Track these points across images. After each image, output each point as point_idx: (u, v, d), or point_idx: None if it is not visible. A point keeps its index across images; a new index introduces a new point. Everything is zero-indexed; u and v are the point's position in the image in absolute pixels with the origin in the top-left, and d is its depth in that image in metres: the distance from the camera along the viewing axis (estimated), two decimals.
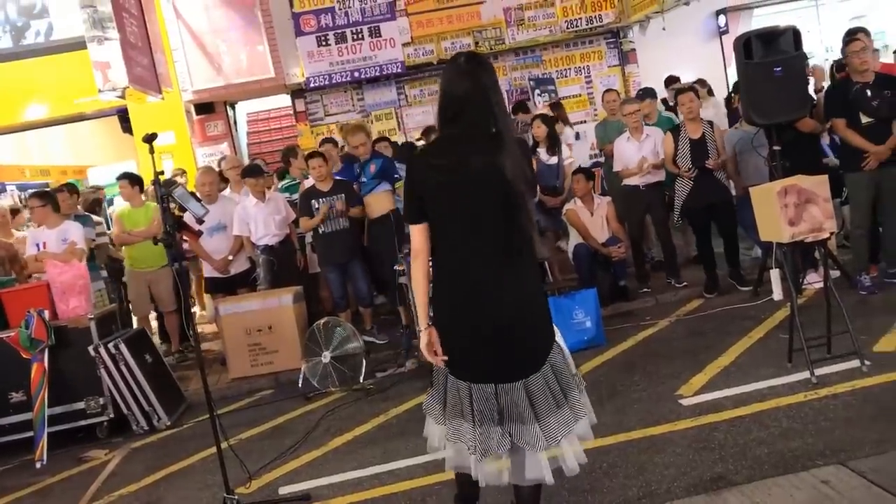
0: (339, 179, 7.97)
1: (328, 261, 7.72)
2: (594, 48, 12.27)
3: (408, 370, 6.82)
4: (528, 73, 12.10)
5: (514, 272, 2.88)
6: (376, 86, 12.09)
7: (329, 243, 7.65)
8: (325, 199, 7.56)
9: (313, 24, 11.40)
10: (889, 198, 6.59)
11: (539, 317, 2.99)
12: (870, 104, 6.44)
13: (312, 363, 6.67)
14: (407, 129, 11.89)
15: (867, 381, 4.72)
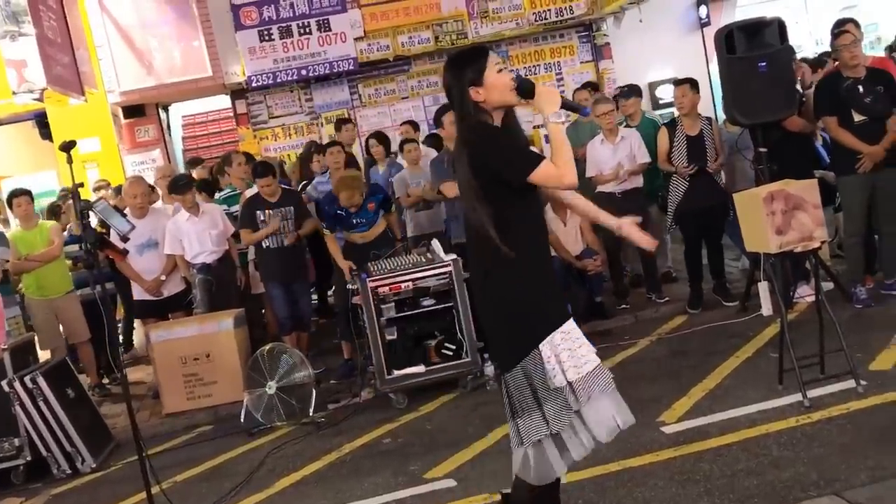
0: (288, 189, 7.93)
1: (272, 277, 7.68)
2: (565, 42, 12.38)
3: (363, 400, 6.79)
4: None
5: (486, 274, 3.15)
6: (326, 85, 12.07)
7: (274, 259, 7.60)
8: (273, 212, 7.51)
9: (255, 17, 11.36)
10: (885, 202, 6.71)
11: (500, 319, 3.15)
12: (862, 101, 6.56)
13: (256, 395, 6.61)
14: (361, 133, 11.85)
15: (863, 402, 4.79)
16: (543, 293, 3.12)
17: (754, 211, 5.00)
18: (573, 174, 3.01)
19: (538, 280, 3.13)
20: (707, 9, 12.55)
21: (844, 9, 13.53)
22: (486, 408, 6.05)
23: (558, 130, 3.05)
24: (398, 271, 6.50)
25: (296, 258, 7.69)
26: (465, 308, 6.44)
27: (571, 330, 3.12)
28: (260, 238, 7.54)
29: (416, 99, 12.26)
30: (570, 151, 3.02)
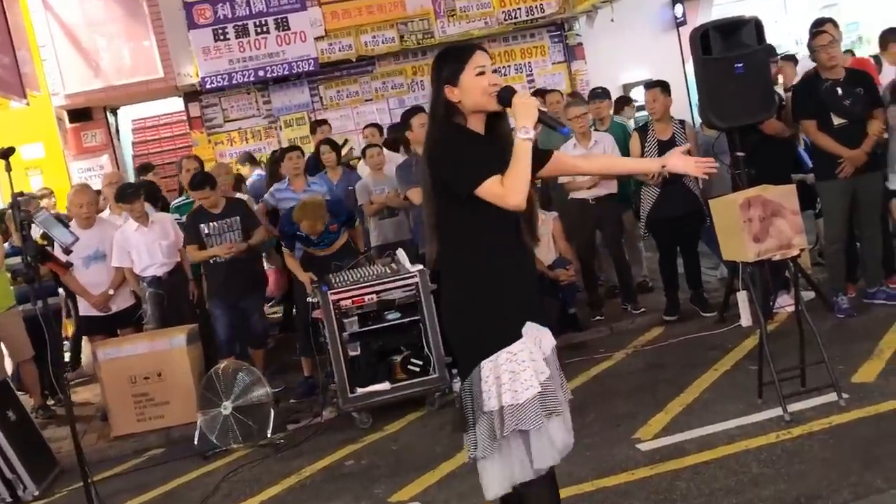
0: (232, 198, 7.80)
1: (217, 294, 7.52)
2: (536, 42, 12.47)
3: (325, 420, 6.75)
4: None
5: (444, 282, 3.24)
6: (285, 87, 12.07)
7: (222, 274, 7.43)
8: (217, 224, 7.38)
9: (209, 16, 11.33)
10: (867, 208, 6.81)
11: (452, 328, 3.25)
12: (841, 103, 6.66)
13: (210, 416, 6.54)
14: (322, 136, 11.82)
15: (845, 416, 4.85)
16: (497, 308, 3.11)
17: (731, 218, 5.05)
18: (518, 195, 2.98)
19: (494, 294, 3.12)
20: (683, 7, 12.71)
21: (825, 7, 13.75)
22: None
23: (520, 148, 3.01)
24: (361, 283, 6.48)
25: (246, 271, 7.51)
26: (433, 321, 6.43)
27: (520, 352, 3.08)
28: (206, 258, 7.41)
29: (380, 101, 12.28)
30: (524, 170, 2.99)
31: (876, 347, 5.85)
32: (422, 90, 12.33)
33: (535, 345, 3.14)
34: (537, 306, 3.28)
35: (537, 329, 3.19)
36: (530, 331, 3.15)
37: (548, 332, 3.26)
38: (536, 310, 3.25)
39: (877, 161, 6.75)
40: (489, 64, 3.14)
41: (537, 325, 3.19)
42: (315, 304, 6.63)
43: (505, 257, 3.16)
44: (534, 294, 3.28)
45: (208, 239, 7.39)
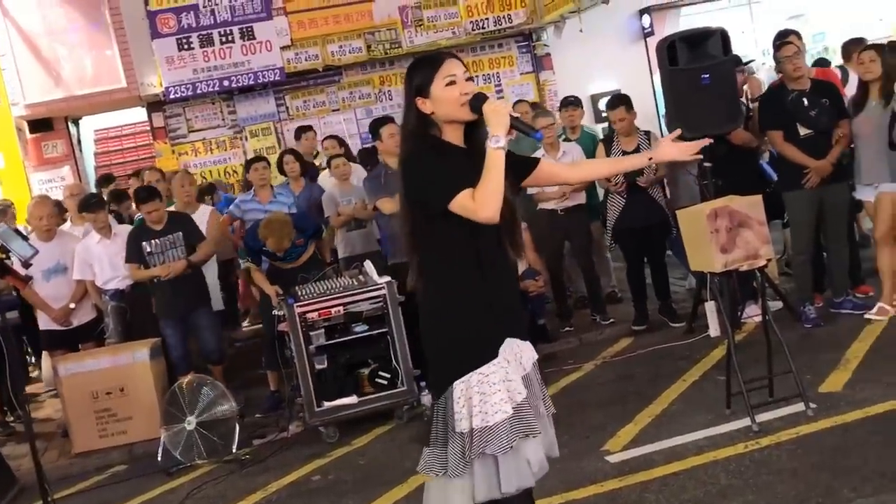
0: (175, 213, 7.63)
1: (166, 313, 7.33)
2: (504, 53, 12.51)
3: (291, 435, 6.72)
4: None
5: (422, 298, 3.23)
6: (251, 96, 12.00)
7: (167, 291, 7.25)
8: (159, 241, 7.20)
9: (173, 25, 11.24)
10: (833, 218, 6.90)
11: (427, 343, 3.22)
12: (807, 114, 6.75)
13: (174, 431, 6.49)
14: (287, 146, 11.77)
15: (812, 426, 4.90)
16: (471, 326, 3.07)
17: (698, 229, 5.10)
18: (490, 208, 2.92)
19: (469, 310, 3.08)
20: (650, 18, 12.80)
21: (791, 18, 13.92)
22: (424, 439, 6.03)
23: (492, 158, 2.94)
24: (328, 295, 6.46)
25: (191, 286, 7.32)
26: (401, 333, 6.43)
27: (493, 373, 3.03)
28: (147, 278, 7.26)
29: (347, 111, 12.26)
30: (496, 182, 2.93)
31: (843, 357, 5.92)
32: (389, 100, 12.34)
33: (514, 362, 3.10)
34: (517, 320, 3.23)
35: (517, 345, 3.15)
36: (509, 348, 3.11)
37: (528, 346, 3.21)
38: (516, 324, 3.20)
39: (843, 172, 6.84)
40: (461, 72, 3.07)
41: (517, 341, 3.16)
42: (281, 316, 6.61)
43: (482, 271, 3.09)
44: (514, 308, 3.23)
45: (150, 257, 7.19)
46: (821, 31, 14.40)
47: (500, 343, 3.09)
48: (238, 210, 8.39)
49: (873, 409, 4.93)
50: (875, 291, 7.07)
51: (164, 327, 7.38)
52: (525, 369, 3.15)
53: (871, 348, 5.99)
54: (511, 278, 3.30)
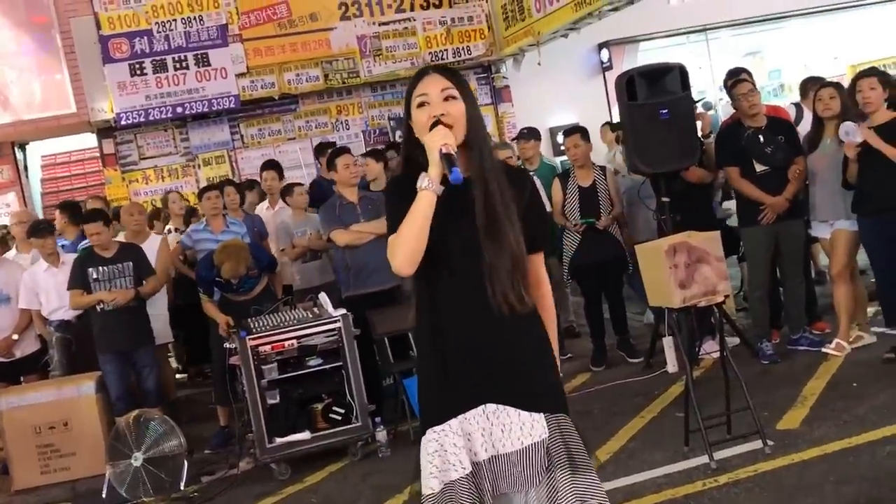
0: (127, 243, 7.44)
1: (106, 346, 7.07)
2: None
3: (241, 472, 6.62)
4: (389, 112, 12.29)
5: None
6: (205, 124, 11.96)
7: (110, 324, 7.01)
8: (107, 269, 7.02)
9: (125, 50, 11.19)
10: (789, 254, 7.01)
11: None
12: (763, 151, 6.87)
13: (120, 468, 6.36)
14: (242, 175, 11.75)
15: (770, 463, 4.94)
16: (424, 382, 2.85)
17: (656, 264, 5.15)
18: (397, 258, 2.67)
19: (423, 363, 2.85)
20: (609, 53, 13.01)
21: (748, 55, 14.27)
22: (377, 477, 5.99)
23: (417, 201, 2.66)
24: (282, 328, 6.40)
25: (135, 321, 7.11)
26: (356, 367, 6.39)
27: (429, 441, 2.74)
28: (88, 304, 7.04)
29: (303, 140, 12.25)
30: (409, 230, 2.65)
31: (800, 394, 5.98)
32: (346, 129, 12.37)
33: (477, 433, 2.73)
34: (505, 383, 2.75)
35: (500, 415, 2.74)
36: (481, 416, 2.73)
37: (528, 420, 2.74)
38: (502, 388, 2.75)
39: (798, 208, 6.97)
40: (436, 91, 2.74)
41: (507, 410, 2.74)
42: (233, 349, 6.54)
43: (441, 318, 2.77)
44: (502, 368, 2.75)
45: (96, 284, 6.97)
46: (776, 68, 14.73)
47: (452, 407, 2.74)
48: (189, 240, 8.30)
49: (830, 447, 4.99)
50: (831, 328, 7.19)
51: (103, 363, 7.10)
52: (497, 448, 2.73)
53: (827, 385, 6.06)
54: (498, 331, 2.74)
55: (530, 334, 2.83)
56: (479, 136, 2.82)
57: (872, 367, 6.24)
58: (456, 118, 2.75)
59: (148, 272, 7.19)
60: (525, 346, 2.80)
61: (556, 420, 2.78)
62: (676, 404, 6.28)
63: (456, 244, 2.74)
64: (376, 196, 7.43)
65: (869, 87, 6.19)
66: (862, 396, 5.71)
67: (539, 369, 2.82)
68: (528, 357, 2.80)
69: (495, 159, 2.85)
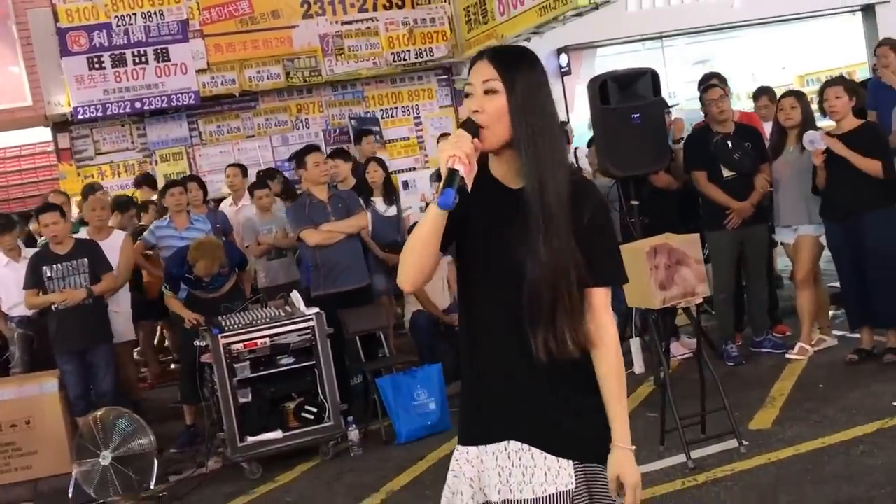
0: (83, 240, 7.26)
1: (62, 346, 6.89)
2: (424, 85, 12.57)
3: (210, 471, 6.51)
4: (349, 111, 12.20)
5: None
6: (163, 120, 11.72)
7: (65, 323, 6.82)
8: (61, 266, 6.82)
9: (84, 43, 10.93)
10: (753, 258, 7.13)
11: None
12: (731, 157, 6.97)
13: (87, 466, 6.20)
14: (200, 172, 11.55)
15: (746, 463, 5.01)
16: (466, 396, 2.60)
17: (637, 265, 5.17)
18: (401, 273, 2.42)
19: (467, 378, 2.59)
20: (568, 57, 13.06)
21: (697, 63, 14.46)
22: (351, 476, 5.94)
23: (426, 214, 2.36)
24: (254, 326, 6.31)
25: (93, 319, 6.93)
26: (329, 367, 6.33)
27: (454, 461, 2.53)
28: (42, 305, 6.88)
29: (262, 138, 12.09)
30: (412, 244, 2.38)
31: (768, 395, 6.08)
32: (306, 128, 12.24)
33: (492, 471, 2.44)
34: (538, 422, 2.42)
35: (526, 456, 2.42)
36: (500, 452, 2.44)
37: (556, 466, 2.39)
38: (535, 427, 2.42)
39: (763, 213, 7.08)
40: (478, 83, 2.38)
41: (533, 451, 2.42)
42: (203, 347, 6.43)
43: (491, 346, 2.46)
44: (534, 406, 2.42)
45: (50, 283, 6.79)
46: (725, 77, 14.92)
47: (475, 434, 2.49)
48: (152, 236, 8.15)
49: (803, 447, 5.07)
50: (792, 330, 7.31)
51: (61, 363, 6.92)
52: (514, 493, 2.41)
53: (794, 386, 6.17)
54: (535, 368, 2.38)
55: (576, 375, 2.42)
56: (530, 136, 2.35)
57: (837, 369, 6.37)
58: (491, 117, 2.35)
59: (104, 269, 6.98)
60: (565, 386, 2.42)
61: (587, 470, 2.42)
62: (647, 405, 6.35)
63: (497, 265, 2.42)
64: (347, 195, 7.39)
65: (835, 95, 6.31)
66: (829, 398, 5.82)
67: (578, 413, 2.43)
68: (567, 397, 2.42)
69: (557, 167, 2.37)
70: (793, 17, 14.66)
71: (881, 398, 5.61)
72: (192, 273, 6.80)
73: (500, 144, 2.40)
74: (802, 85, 14.80)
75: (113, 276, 7.09)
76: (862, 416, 5.37)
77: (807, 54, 14.88)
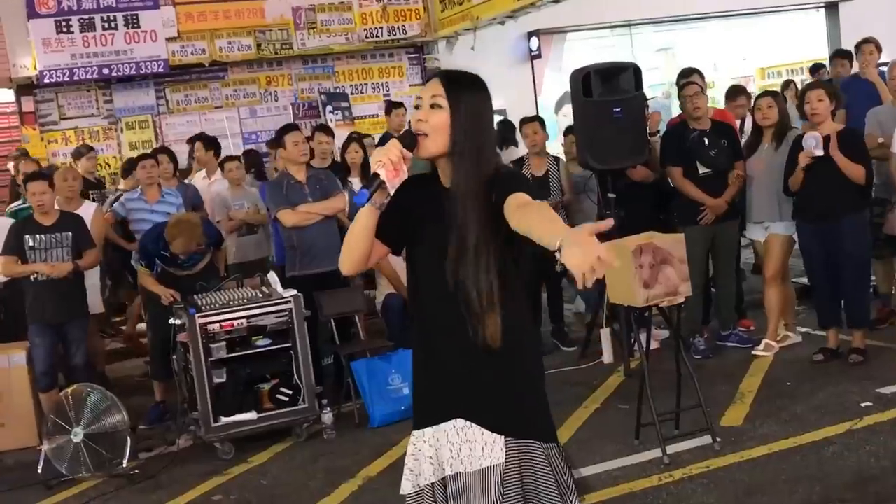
0: (69, 213, 7.01)
1: (36, 317, 6.70)
2: (395, 63, 12.47)
3: (179, 449, 6.43)
4: (319, 86, 12.06)
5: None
6: (130, 87, 11.49)
7: (43, 294, 6.65)
8: (45, 237, 6.64)
9: (52, 6, 10.63)
10: (723, 254, 7.19)
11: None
12: (707, 153, 7.00)
13: (58, 443, 6.08)
14: (166, 141, 11.35)
15: (721, 460, 5.05)
16: (416, 381, 2.88)
17: (622, 263, 5.19)
18: (343, 260, 2.84)
19: (416, 364, 2.87)
20: (538, 41, 13.04)
21: (660, 50, 14.57)
22: (327, 459, 5.91)
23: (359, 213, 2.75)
24: (232, 306, 6.22)
25: (72, 293, 6.76)
26: (305, 349, 6.26)
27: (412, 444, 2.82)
28: (22, 273, 6.69)
29: (230, 109, 11.91)
30: (349, 237, 2.78)
31: (737, 391, 6.14)
32: (274, 101, 12.09)
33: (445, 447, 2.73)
34: (477, 400, 2.71)
35: (470, 432, 2.71)
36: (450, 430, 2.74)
37: (491, 441, 2.68)
38: (474, 404, 2.71)
39: (735, 210, 7.13)
40: (427, 96, 2.71)
41: (474, 427, 2.70)
42: (178, 326, 6.33)
43: (436, 330, 2.79)
44: (474, 384, 2.72)
45: (31, 252, 6.60)
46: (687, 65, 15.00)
47: (427, 415, 2.79)
48: (122, 209, 7.99)
49: (777, 445, 5.14)
50: (755, 325, 7.41)
51: (32, 333, 6.73)
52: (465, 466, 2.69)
53: (763, 383, 6.24)
54: (475, 349, 2.67)
55: (509, 358, 2.71)
56: (463, 150, 2.67)
57: (803, 367, 6.46)
58: (433, 127, 2.68)
59: (87, 244, 6.83)
60: (500, 368, 2.71)
61: (520, 446, 2.69)
62: (618, 395, 6.40)
63: (434, 256, 2.71)
64: (325, 175, 7.28)
65: (817, 98, 6.35)
66: (797, 396, 5.91)
67: (510, 392, 2.71)
68: (502, 377, 2.72)
69: (480, 175, 2.66)
70: (757, 11, 14.78)
71: (848, 398, 5.72)
72: (169, 250, 6.67)
73: (439, 153, 2.72)
74: (763, 77, 14.99)
75: (95, 251, 6.92)
76: (831, 416, 5.47)
77: (769, 47, 15.03)
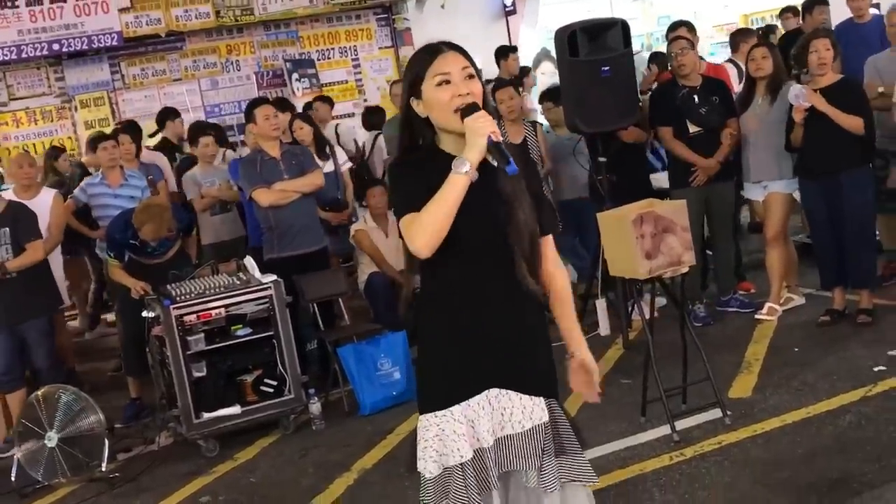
0: (14, 203, 6.77)
1: None
2: (362, 25, 12.26)
3: (160, 448, 6.31)
4: (283, 53, 11.82)
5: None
6: (82, 62, 11.22)
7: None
8: None
9: None
10: (719, 216, 7.10)
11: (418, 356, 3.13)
12: (697, 111, 6.89)
13: (32, 448, 5.94)
14: (124, 118, 11.09)
15: (732, 435, 4.99)
16: (442, 362, 2.86)
17: (621, 234, 5.10)
18: (419, 239, 2.64)
19: (445, 341, 2.85)
20: None
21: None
22: (317, 453, 5.81)
23: (449, 183, 2.64)
24: (208, 296, 6.07)
25: (24, 291, 6.48)
26: (288, 337, 6.15)
27: (428, 428, 2.84)
28: None
29: (190, 81, 11.67)
30: (437, 212, 2.63)
31: (743, 360, 6.08)
32: (237, 70, 11.86)
33: (484, 418, 2.81)
34: (511, 368, 2.84)
35: (504, 399, 2.84)
36: (483, 402, 2.82)
37: (529, 404, 2.86)
38: (509, 372, 2.84)
39: (729, 170, 7.03)
40: (457, 69, 2.71)
41: (509, 394, 2.84)
42: (152, 319, 6.19)
43: (471, 303, 2.81)
44: (508, 352, 2.84)
45: None
46: (665, 14, 14.87)
47: (457, 394, 2.82)
48: (83, 194, 7.77)
49: (789, 417, 5.09)
50: (756, 288, 7.36)
51: None
52: (506, 430, 2.84)
53: (769, 350, 6.18)
54: (509, 317, 2.84)
55: (536, 319, 2.94)
56: (492, 112, 2.85)
57: (810, 331, 6.40)
58: (478, 98, 2.75)
59: (29, 236, 6.49)
60: (530, 331, 2.92)
61: (550, 404, 2.92)
62: (618, 371, 6.34)
63: (473, 226, 2.74)
64: (300, 150, 7.13)
65: (825, 47, 6.21)
66: (806, 362, 5.84)
67: (540, 355, 2.95)
68: (532, 342, 2.92)
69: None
70: None
71: (860, 362, 5.66)
72: (138, 238, 6.50)
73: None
74: (747, 23, 14.85)
75: (37, 245, 6.56)
76: (843, 382, 5.41)
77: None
